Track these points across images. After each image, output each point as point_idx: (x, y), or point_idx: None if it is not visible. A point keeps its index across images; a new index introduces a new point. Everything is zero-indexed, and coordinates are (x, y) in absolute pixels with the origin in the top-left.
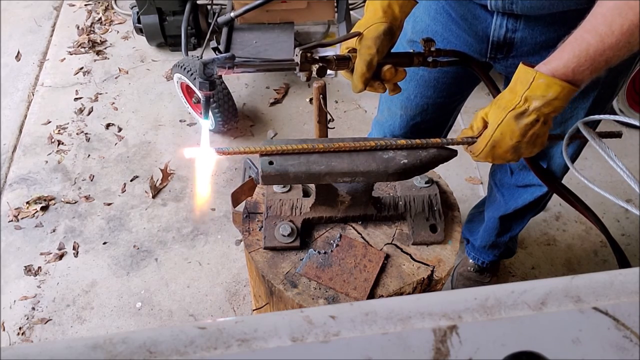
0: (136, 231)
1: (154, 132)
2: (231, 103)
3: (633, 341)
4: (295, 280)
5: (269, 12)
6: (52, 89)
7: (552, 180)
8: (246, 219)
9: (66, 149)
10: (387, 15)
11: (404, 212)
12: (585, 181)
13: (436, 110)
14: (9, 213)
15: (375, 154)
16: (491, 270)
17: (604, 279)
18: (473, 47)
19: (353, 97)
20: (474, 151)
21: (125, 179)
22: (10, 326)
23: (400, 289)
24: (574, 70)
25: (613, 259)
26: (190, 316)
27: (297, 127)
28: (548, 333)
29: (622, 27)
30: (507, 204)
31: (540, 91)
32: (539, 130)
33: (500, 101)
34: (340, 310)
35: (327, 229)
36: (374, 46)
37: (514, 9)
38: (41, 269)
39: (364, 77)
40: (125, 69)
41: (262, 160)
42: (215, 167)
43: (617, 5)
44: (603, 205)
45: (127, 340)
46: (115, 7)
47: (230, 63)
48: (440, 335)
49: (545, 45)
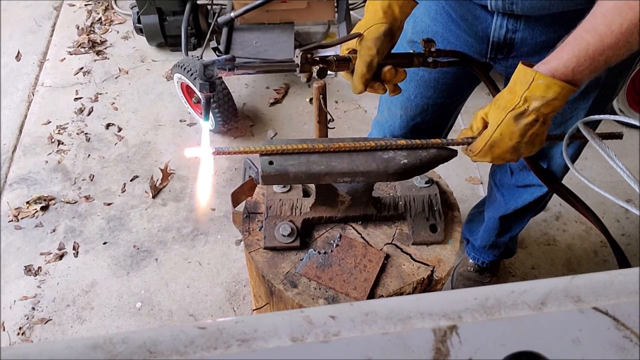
0: (136, 231)
1: (154, 132)
2: (231, 103)
3: (633, 341)
4: (295, 280)
5: (269, 12)
6: (52, 89)
7: (552, 180)
8: (246, 219)
9: (66, 149)
10: (387, 16)
11: (404, 212)
12: (585, 181)
13: (436, 111)
14: (9, 213)
15: (375, 154)
16: (491, 270)
17: (604, 279)
18: (473, 48)
19: (353, 97)
20: (473, 150)
21: (125, 179)
22: (10, 326)
23: (400, 289)
24: (574, 70)
25: (613, 259)
26: (190, 316)
27: (297, 127)
28: (548, 333)
29: (622, 27)
30: (507, 204)
31: (539, 92)
32: (538, 130)
33: (499, 101)
34: (340, 310)
35: (327, 229)
36: (374, 47)
37: (514, 9)
38: (41, 269)
39: (364, 78)
40: (125, 69)
41: (262, 160)
42: (215, 167)
43: (616, 5)
44: (603, 205)
45: (127, 340)
46: (115, 7)
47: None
48: (440, 335)
49: (546, 46)
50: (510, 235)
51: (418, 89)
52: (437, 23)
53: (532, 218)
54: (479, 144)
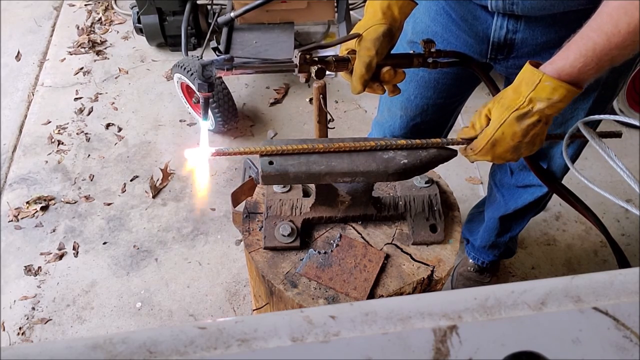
0: (136, 231)
1: (154, 132)
2: (231, 103)
3: (633, 341)
4: (295, 280)
5: (269, 12)
6: (52, 89)
7: (552, 180)
8: (246, 219)
9: (66, 149)
10: (386, 17)
11: (404, 212)
12: (585, 181)
13: (436, 111)
14: (9, 213)
15: (375, 154)
16: (491, 270)
17: (604, 279)
18: (473, 48)
19: (353, 97)
20: (474, 148)
21: (125, 179)
22: (10, 326)
23: (400, 289)
24: (580, 70)
25: (613, 259)
26: (190, 316)
27: (297, 127)
28: (548, 333)
29: (629, 26)
30: (507, 204)
31: (545, 94)
32: (540, 130)
33: (503, 100)
34: (340, 310)
35: (327, 229)
36: (373, 48)
37: (515, 9)
38: (41, 269)
39: (363, 78)
40: (125, 69)
41: (262, 160)
42: (215, 167)
43: (623, 4)
44: (603, 205)
45: (127, 340)
46: (115, 7)
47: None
48: (440, 335)
49: (546, 46)
50: (510, 235)
51: (418, 90)
52: (437, 23)
53: (532, 218)
54: (481, 142)
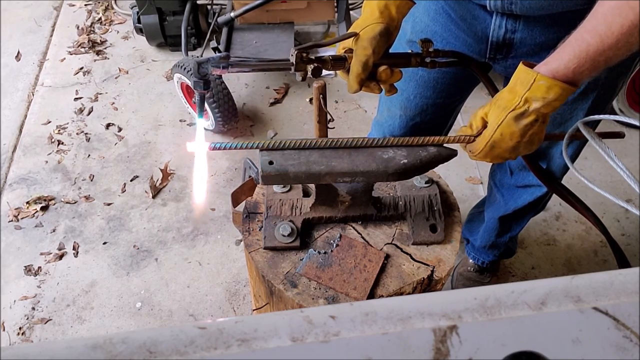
0: (136, 231)
1: (154, 132)
2: (231, 103)
3: (633, 341)
4: (295, 280)
5: (269, 12)
6: (52, 89)
7: (551, 180)
8: (246, 219)
9: (66, 149)
10: (383, 16)
11: (404, 212)
12: (585, 181)
13: (436, 111)
14: (9, 213)
15: (375, 154)
16: (491, 270)
17: (604, 279)
18: (472, 48)
19: (353, 97)
20: (473, 151)
21: (125, 179)
22: (10, 326)
23: (400, 289)
24: (574, 70)
25: (613, 259)
26: (190, 316)
27: (297, 127)
28: (548, 333)
29: (622, 27)
30: (507, 204)
31: (540, 93)
32: (538, 129)
33: (499, 101)
34: (340, 310)
35: (327, 229)
36: (369, 47)
37: (514, 9)
38: (41, 269)
39: (360, 77)
40: (125, 69)
41: (262, 160)
42: (215, 168)
43: (617, 5)
44: (603, 205)
45: (127, 340)
46: (115, 7)
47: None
48: (440, 335)
49: (545, 46)
50: (510, 235)
51: (417, 89)
52: (437, 23)
53: (532, 218)
54: (480, 144)
